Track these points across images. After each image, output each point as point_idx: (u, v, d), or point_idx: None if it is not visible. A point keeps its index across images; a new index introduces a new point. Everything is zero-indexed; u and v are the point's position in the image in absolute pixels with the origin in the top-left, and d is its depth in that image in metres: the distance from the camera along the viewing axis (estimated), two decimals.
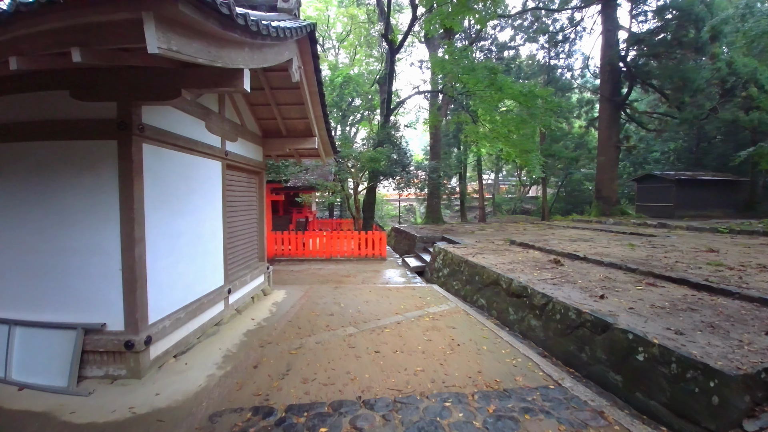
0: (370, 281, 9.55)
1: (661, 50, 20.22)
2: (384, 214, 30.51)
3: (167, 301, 4.32)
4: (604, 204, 19.75)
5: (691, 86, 20.04)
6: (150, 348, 4.02)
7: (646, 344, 3.77)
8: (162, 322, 4.15)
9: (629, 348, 3.90)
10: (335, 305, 6.70)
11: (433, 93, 16.38)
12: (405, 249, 14.15)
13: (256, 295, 6.93)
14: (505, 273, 6.64)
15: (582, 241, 10.50)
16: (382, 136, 13.27)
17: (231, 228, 6.01)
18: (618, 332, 4.01)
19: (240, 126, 6.29)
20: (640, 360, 3.79)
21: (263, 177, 7.40)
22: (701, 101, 21.23)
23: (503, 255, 8.62)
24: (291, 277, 10.28)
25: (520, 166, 31.20)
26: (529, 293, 5.59)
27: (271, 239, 12.76)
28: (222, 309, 5.56)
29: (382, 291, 7.84)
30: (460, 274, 8.20)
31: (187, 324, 4.63)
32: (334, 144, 7.92)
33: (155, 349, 4.11)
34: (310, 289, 8.07)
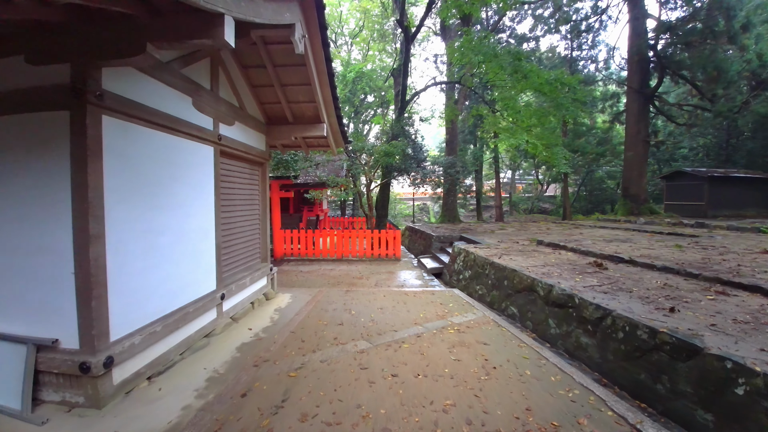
0: (384, 284, 8.67)
1: (694, 38, 18.88)
2: (397, 213, 29.61)
3: (140, 311, 3.52)
4: (631, 202, 18.47)
5: (726, 77, 18.70)
6: (113, 371, 3.22)
7: (747, 373, 2.84)
8: (130, 339, 3.35)
9: (726, 379, 2.96)
10: (346, 312, 5.84)
11: (449, 84, 15.36)
12: (420, 249, 13.24)
13: (258, 300, 6.12)
14: (540, 277, 5.68)
15: (619, 241, 9.42)
16: (396, 130, 12.38)
17: (227, 225, 5.20)
18: (711, 359, 3.05)
19: (238, 109, 5.47)
20: (740, 394, 2.86)
21: (267, 168, 6.59)
22: (733, 94, 19.84)
23: (533, 256, 7.64)
24: (300, 278, 9.49)
25: (537, 164, 29.98)
26: (577, 303, 4.64)
27: (280, 238, 12.02)
28: (214, 318, 4.75)
29: (397, 296, 6.96)
30: (485, 278, 7.26)
31: (167, 338, 3.82)
32: (345, 133, 7.06)
33: (121, 372, 3.31)
34: (319, 292, 7.24)
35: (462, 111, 18.20)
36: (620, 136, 24.29)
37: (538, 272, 6.07)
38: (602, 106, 22.16)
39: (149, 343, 3.57)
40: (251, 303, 5.86)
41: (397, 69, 13.74)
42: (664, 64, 19.31)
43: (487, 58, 10.65)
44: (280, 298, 6.63)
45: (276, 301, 6.47)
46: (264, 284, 6.40)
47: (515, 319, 5.87)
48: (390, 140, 11.95)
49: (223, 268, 4.98)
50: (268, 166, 6.60)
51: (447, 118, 15.94)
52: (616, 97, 22.62)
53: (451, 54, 12.18)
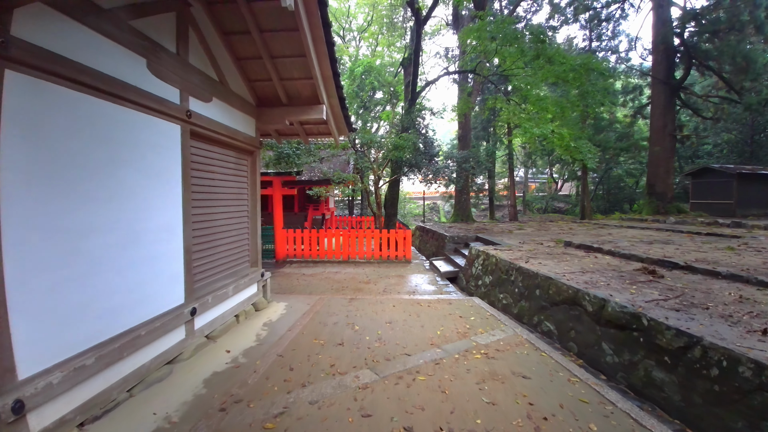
0: (394, 290, 7.65)
1: (721, 27, 17.51)
2: (407, 213, 28.55)
3: (61, 339, 2.55)
4: (657, 201, 17.15)
5: (755, 69, 17.32)
6: (28, 418, 2.27)
7: None
8: (46, 376, 2.38)
9: None
10: (348, 328, 4.83)
11: (463, 74, 14.19)
12: (432, 250, 12.18)
13: (245, 312, 5.14)
14: (584, 288, 4.59)
15: (660, 243, 8.25)
16: (406, 123, 11.35)
17: (201, 222, 4.23)
18: None
19: (218, 84, 4.50)
20: None
21: (258, 158, 5.60)
22: (759, 87, 18.44)
23: (565, 260, 6.54)
24: (301, 282, 8.52)
25: (552, 162, 28.64)
26: (646, 326, 3.55)
27: (283, 238, 11.08)
28: (181, 338, 3.78)
29: (409, 305, 5.93)
30: (510, 285, 6.18)
31: (106, 372, 2.85)
32: (348, 118, 6.05)
33: (40, 419, 2.37)
34: (319, 300, 6.25)
35: (475, 105, 17.07)
36: (642, 131, 22.90)
37: (579, 281, 4.98)
38: (623, 99, 20.78)
39: (77, 381, 2.60)
40: (235, 316, 4.88)
41: (407, 59, 12.71)
42: (691, 54, 17.94)
43: (506, 40, 9.55)
44: (273, 309, 5.64)
45: (267, 312, 5.48)
46: (253, 293, 5.42)
47: (552, 337, 4.79)
48: (400, 134, 10.91)
49: (194, 276, 4.00)
50: (259, 155, 5.62)
51: (460, 111, 14.83)
52: (638, 90, 21.26)
53: (465, 39, 11.10)
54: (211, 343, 4.23)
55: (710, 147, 24.79)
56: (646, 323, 3.59)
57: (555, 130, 9.02)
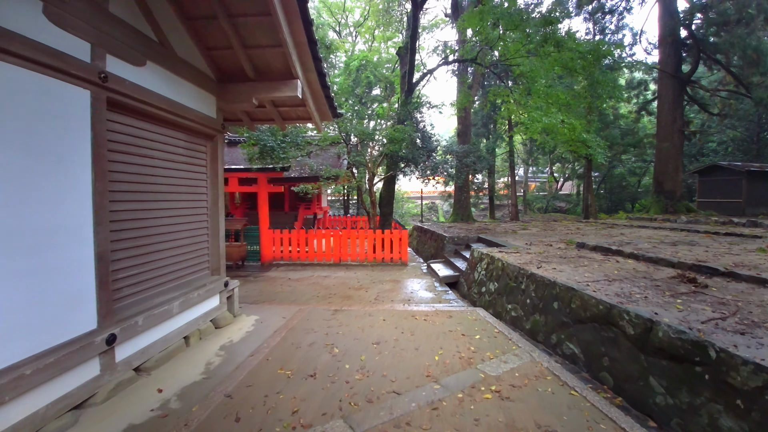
0: (387, 298, 6.69)
1: (731, 18, 16.61)
2: (405, 212, 27.57)
3: None
4: (666, 199, 16.20)
5: (765, 62, 16.46)
6: None
7: None
8: None
9: None
10: (326, 351, 3.87)
11: (462, 63, 13.10)
12: (431, 252, 11.23)
13: (199, 332, 4.17)
14: (618, 302, 3.63)
15: (683, 244, 7.30)
16: (402, 115, 10.39)
17: (127, 222, 3.27)
18: None
19: (157, 45, 3.53)
20: None
21: (219, 144, 4.64)
22: None
23: (583, 265, 5.58)
24: (285, 288, 7.57)
25: (553, 160, 27.67)
26: (714, 358, 2.59)
27: (269, 239, 10.11)
28: (95, 375, 2.81)
29: (402, 319, 4.97)
30: (521, 295, 5.21)
31: None
32: (331, 99, 5.09)
33: None
34: (299, 313, 5.28)
35: (475, 99, 16.08)
36: (647, 128, 21.95)
37: (609, 293, 4.02)
38: (627, 95, 19.82)
39: None
40: (185, 338, 3.91)
41: (403, 48, 11.73)
42: (700, 47, 17.00)
43: (510, 24, 8.59)
44: (239, 325, 4.67)
45: (231, 329, 4.51)
46: (213, 306, 4.46)
47: (578, 363, 3.83)
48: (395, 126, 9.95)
49: (113, 292, 3.04)
50: (222, 141, 4.65)
51: (459, 105, 13.87)
52: (644, 85, 20.31)
53: (465, 26, 10.13)
54: (143, 377, 3.26)
55: (715, 144, 23.89)
56: (714, 355, 2.63)
57: (565, 120, 8.06)
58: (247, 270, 9.57)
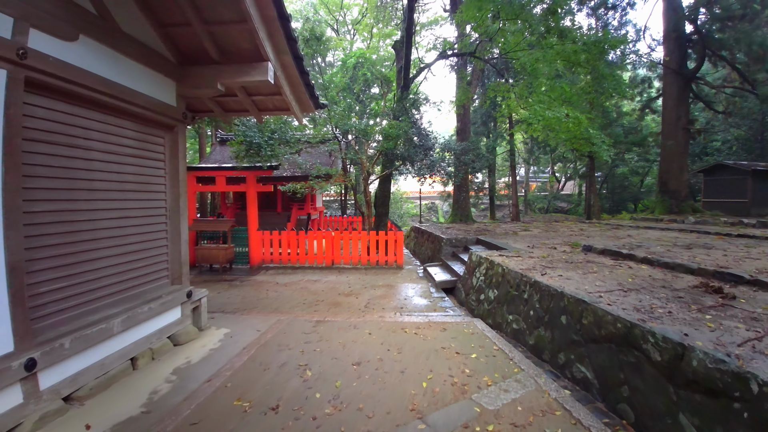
0: (378, 305, 6.12)
1: (736, 14, 16.00)
2: (404, 213, 26.97)
3: None
4: (670, 199, 15.56)
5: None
6: None
7: None
8: None
9: None
10: (296, 375, 3.29)
11: (461, 57, 12.39)
12: (428, 255, 10.64)
13: (151, 352, 3.60)
14: (638, 319, 3.04)
15: (698, 247, 6.69)
16: (398, 111, 9.81)
17: (52, 225, 2.70)
18: None
19: (95, 17, 2.97)
20: None
21: (180, 137, 4.07)
22: None
23: (593, 272, 4.98)
24: (270, 294, 7.01)
25: (554, 160, 27.02)
26: (756, 393, 2.01)
27: (258, 241, 9.56)
28: (18, 403, 2.27)
29: (391, 333, 4.40)
30: (523, 305, 4.63)
31: None
32: (311, 86, 4.52)
33: None
34: (276, 324, 4.71)
35: (475, 96, 15.46)
36: (650, 127, 21.32)
37: (627, 306, 3.43)
38: (631, 92, 19.19)
39: None
40: (131, 360, 3.34)
41: (399, 42, 11.15)
42: (705, 43, 16.37)
43: (511, 12, 8.00)
44: (203, 341, 4.10)
45: (193, 347, 3.94)
46: (173, 321, 3.89)
47: (591, 390, 3.24)
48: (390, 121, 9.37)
49: (33, 309, 2.48)
50: (183, 132, 4.08)
51: (458, 102, 13.28)
52: (647, 82, 19.68)
53: (463, 17, 9.54)
54: (74, 408, 2.69)
55: (719, 143, 23.22)
56: (756, 389, 2.06)
57: (570, 114, 7.46)
58: (234, 273, 9.01)
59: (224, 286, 7.81)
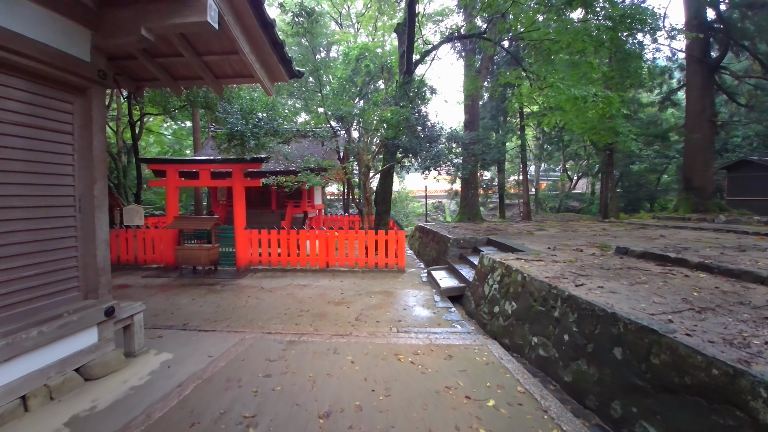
0: (371, 318, 5.05)
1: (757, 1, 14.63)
2: (409, 212, 25.83)
3: None
4: (696, 197, 14.21)
5: None
6: None
7: None
8: None
9: None
10: None
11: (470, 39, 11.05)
12: (433, 256, 9.53)
13: (48, 389, 2.57)
14: (736, 361, 1.93)
15: (753, 249, 5.50)
16: (400, 96, 8.74)
17: None
18: None
19: None
20: None
21: (96, 102, 3.03)
22: None
23: (640, 282, 3.84)
24: (250, 302, 5.99)
25: (566, 157, 25.65)
26: None
27: (245, 240, 8.55)
28: None
29: (380, 361, 3.33)
30: (552, 325, 3.51)
31: None
32: (280, 46, 3.46)
33: None
34: (237, 346, 3.66)
35: (484, 85, 14.27)
36: (669, 122, 19.90)
37: (711, 335, 2.30)
38: (648, 83, 17.82)
39: None
40: (23, 398, 2.31)
41: (402, 23, 10.06)
42: (728, 31, 14.98)
43: None
44: (129, 373, 3.05)
45: (109, 382, 2.89)
46: (86, 346, 2.87)
47: None
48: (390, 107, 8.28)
49: None
50: (99, 96, 3.04)
51: (467, 91, 12.16)
52: (668, 73, 18.29)
53: None
54: None
55: (740, 139, 21.66)
56: None
57: (599, 93, 6.29)
58: (217, 276, 8.01)
59: (201, 292, 6.81)
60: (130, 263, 8.99)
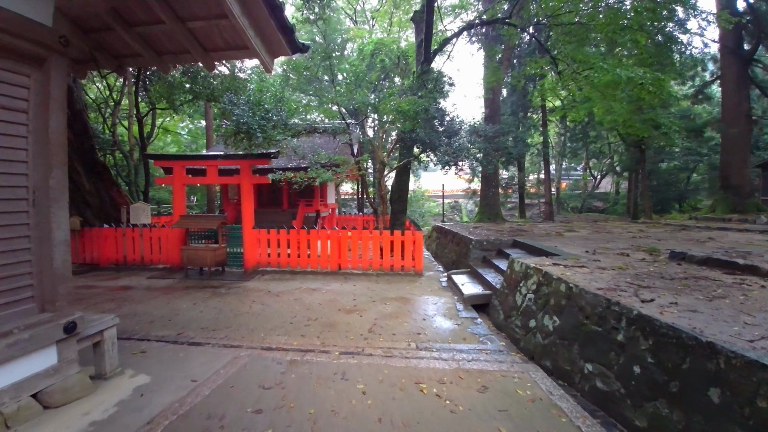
0: (386, 330, 4.42)
1: None
2: (425, 212, 25.08)
3: None
4: (733, 196, 13.06)
5: None
6: None
7: None
8: None
9: None
10: None
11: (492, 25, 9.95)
12: (452, 259, 8.83)
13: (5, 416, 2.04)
14: None
15: None
16: (417, 87, 8.07)
17: None
18: None
19: None
20: None
21: (55, 75, 2.48)
22: None
23: (717, 295, 3.08)
24: (254, 309, 5.45)
25: (589, 155, 24.42)
26: None
27: (253, 240, 8.04)
28: None
29: (398, 392, 2.68)
30: (615, 351, 2.78)
31: None
32: (278, 7, 2.85)
33: None
34: (228, 367, 3.07)
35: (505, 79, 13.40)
36: (702, 117, 18.58)
37: None
38: (687, 74, 16.60)
39: None
40: None
41: (419, 11, 9.39)
42: (759, 22, 13.72)
43: None
44: (93, 402, 2.48)
45: (68, 414, 2.31)
46: (41, 370, 2.32)
47: None
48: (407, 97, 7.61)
49: None
50: (60, 69, 2.49)
51: (487, 84, 11.40)
52: (701, 65, 17.04)
53: None
54: None
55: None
56: None
57: (648, 74, 5.47)
58: (223, 278, 7.51)
59: (205, 295, 6.31)
60: (136, 263, 8.60)
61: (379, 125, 8.34)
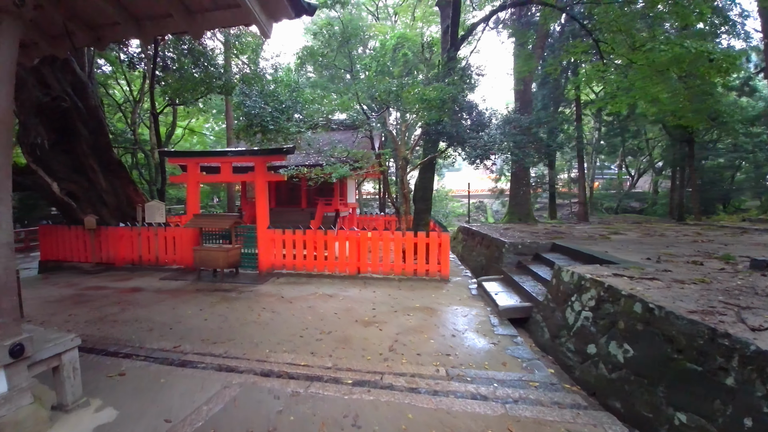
0: (409, 349, 3.73)
1: None
2: (449, 212, 24.12)
3: None
4: None
5: None
6: None
7: None
8: None
9: None
10: None
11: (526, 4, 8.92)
12: (481, 263, 8.00)
13: None
14: None
15: None
16: (443, 75, 7.33)
17: None
18: None
19: None
20: None
21: (6, 37, 1.92)
22: None
23: None
24: (262, 318, 4.90)
25: (625, 152, 22.77)
26: None
27: (268, 241, 7.53)
28: None
29: None
30: (722, 401, 1.98)
31: None
32: None
33: None
34: (209, 403, 2.47)
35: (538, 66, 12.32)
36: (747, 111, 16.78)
37: None
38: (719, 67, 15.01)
39: None
40: None
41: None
42: None
43: None
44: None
45: None
46: None
47: None
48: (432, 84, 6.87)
49: None
50: (10, 30, 1.93)
51: (518, 74, 10.47)
52: (745, 56, 15.36)
53: None
54: None
55: None
56: None
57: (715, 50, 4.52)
58: (236, 281, 7.03)
59: (213, 300, 5.82)
60: (151, 263, 8.27)
61: (401, 120, 7.63)
